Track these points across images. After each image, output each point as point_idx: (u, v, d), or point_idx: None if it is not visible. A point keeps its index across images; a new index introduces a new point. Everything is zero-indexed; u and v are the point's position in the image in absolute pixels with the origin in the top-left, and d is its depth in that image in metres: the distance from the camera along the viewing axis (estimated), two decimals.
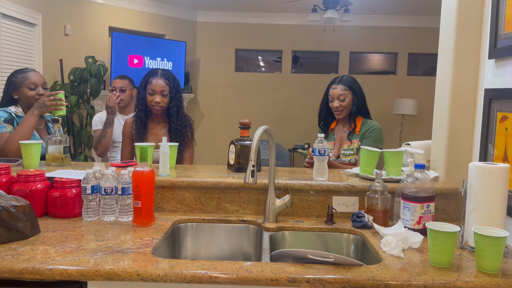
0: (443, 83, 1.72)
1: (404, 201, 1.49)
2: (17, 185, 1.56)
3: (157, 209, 1.72)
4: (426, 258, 1.27)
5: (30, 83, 2.20)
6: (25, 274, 1.13)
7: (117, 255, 1.23)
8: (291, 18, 6.37)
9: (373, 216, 1.56)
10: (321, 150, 1.75)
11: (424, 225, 1.44)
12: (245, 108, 6.52)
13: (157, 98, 2.20)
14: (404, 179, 1.52)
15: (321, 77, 6.42)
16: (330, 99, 2.34)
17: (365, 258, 1.44)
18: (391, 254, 1.30)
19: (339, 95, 2.30)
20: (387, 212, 1.57)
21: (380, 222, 1.54)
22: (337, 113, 2.34)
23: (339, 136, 2.39)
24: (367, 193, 1.59)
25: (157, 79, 2.23)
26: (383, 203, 1.56)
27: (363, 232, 1.52)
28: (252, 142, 1.47)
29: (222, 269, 1.16)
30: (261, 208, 1.72)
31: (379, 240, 1.40)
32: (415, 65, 6.69)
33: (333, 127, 2.44)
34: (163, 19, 5.95)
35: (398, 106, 6.06)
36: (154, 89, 2.21)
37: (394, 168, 1.77)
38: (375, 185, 1.56)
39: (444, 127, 1.69)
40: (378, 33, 6.40)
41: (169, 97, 2.24)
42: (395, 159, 1.77)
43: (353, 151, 2.29)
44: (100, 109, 4.98)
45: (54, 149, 1.96)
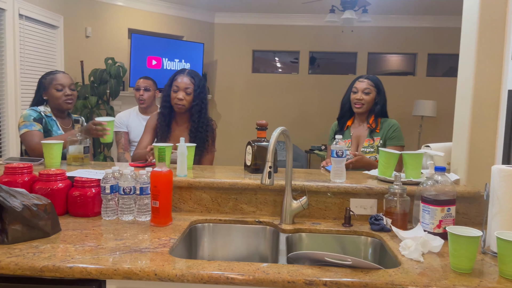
0: (464, 84, 1.69)
1: (424, 204, 1.46)
2: (39, 184, 1.60)
3: (174, 209, 1.73)
4: (446, 263, 1.25)
5: (57, 84, 2.26)
6: (46, 272, 1.15)
7: (135, 255, 1.25)
8: (308, 19, 6.35)
9: (392, 219, 1.54)
10: (338, 152, 1.74)
11: (444, 229, 1.42)
12: (262, 109, 6.52)
13: (180, 95, 2.20)
14: (424, 182, 1.49)
15: (338, 78, 6.38)
16: (355, 90, 2.35)
17: (383, 262, 1.42)
18: (410, 258, 1.28)
19: (364, 88, 2.32)
20: (406, 215, 1.54)
21: (399, 225, 1.52)
22: (358, 106, 2.33)
23: (356, 134, 2.37)
24: (386, 195, 1.57)
25: (183, 76, 2.24)
26: (402, 206, 1.53)
27: (381, 235, 1.50)
28: (269, 143, 1.46)
29: (239, 270, 1.16)
30: (278, 210, 1.71)
31: (398, 244, 1.38)
32: (435, 65, 6.58)
33: (349, 124, 2.42)
34: (181, 20, 6.00)
35: (417, 108, 5.97)
36: (178, 86, 2.22)
37: (414, 171, 1.74)
38: (394, 187, 1.54)
39: (466, 129, 1.65)
40: (396, 33, 6.33)
41: (193, 96, 2.23)
42: (415, 161, 1.74)
43: (374, 149, 2.29)
44: (119, 109, 5.05)
45: (74, 149, 1.99)
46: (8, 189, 1.33)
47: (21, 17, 3.84)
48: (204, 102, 2.27)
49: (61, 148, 1.92)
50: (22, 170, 1.62)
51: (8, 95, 3.70)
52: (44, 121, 2.22)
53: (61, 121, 2.32)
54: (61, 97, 2.25)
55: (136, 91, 3.28)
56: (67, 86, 2.28)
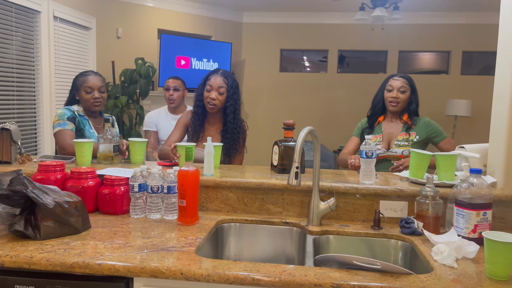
0: (502, 83, 1.61)
1: (458, 207, 1.41)
2: (70, 181, 1.64)
3: (201, 208, 1.74)
4: (482, 270, 1.19)
5: (86, 86, 2.29)
6: (76, 268, 1.17)
7: (162, 253, 1.25)
8: (338, 17, 6.26)
9: (423, 223, 1.49)
10: (368, 153, 1.69)
11: (480, 234, 1.36)
12: (289, 108, 6.49)
13: (213, 95, 2.20)
14: (458, 184, 1.43)
15: (368, 77, 6.27)
16: (389, 88, 2.34)
17: (414, 267, 1.38)
18: (443, 264, 1.23)
19: (400, 86, 2.32)
20: (438, 219, 1.49)
21: (431, 229, 1.46)
22: (393, 104, 2.32)
23: (388, 130, 2.36)
24: (417, 198, 1.52)
25: (217, 76, 2.24)
26: (434, 209, 1.48)
27: (412, 239, 1.45)
28: (296, 143, 1.44)
29: (265, 272, 1.15)
30: (305, 211, 1.69)
31: (430, 248, 1.33)
32: (470, 63, 6.35)
33: (381, 120, 2.41)
34: (209, 20, 6.04)
35: (451, 107, 5.79)
36: (211, 85, 2.22)
37: (447, 172, 1.67)
38: (426, 189, 1.49)
39: (503, 129, 1.58)
40: (429, 31, 6.14)
41: (226, 96, 2.22)
42: (448, 162, 1.68)
43: (408, 143, 2.27)
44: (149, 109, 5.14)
45: (104, 147, 2.03)
46: (41, 186, 1.36)
47: (56, 19, 3.96)
48: (238, 103, 2.26)
49: (91, 147, 1.97)
50: (54, 168, 1.66)
51: (43, 94, 3.83)
52: (77, 120, 2.28)
53: (93, 120, 2.37)
54: (89, 99, 2.29)
55: (165, 91, 3.32)
56: (96, 89, 2.30)
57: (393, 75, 2.41)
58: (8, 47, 3.40)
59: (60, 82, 4.05)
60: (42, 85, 3.81)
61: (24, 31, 3.60)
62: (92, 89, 2.29)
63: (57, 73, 4.03)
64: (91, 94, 2.29)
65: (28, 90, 3.70)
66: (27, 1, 3.55)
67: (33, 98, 3.78)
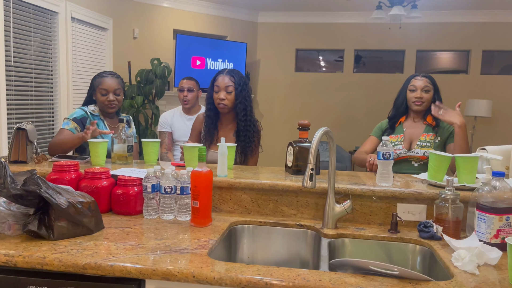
0: None
1: (480, 211, 1.36)
2: (84, 181, 1.64)
3: (214, 209, 1.72)
4: (505, 277, 1.14)
5: (102, 88, 2.29)
6: (88, 269, 1.17)
7: (175, 255, 1.24)
8: (354, 16, 6.18)
9: (443, 227, 1.44)
10: (385, 154, 1.65)
11: (503, 239, 1.30)
12: (304, 108, 6.44)
13: (222, 95, 2.19)
14: (480, 188, 1.38)
15: (384, 77, 6.18)
16: (412, 88, 2.31)
17: (433, 273, 1.33)
18: (464, 270, 1.18)
19: (424, 86, 2.29)
20: (459, 223, 1.44)
21: (451, 234, 1.42)
22: (418, 103, 2.29)
23: (409, 130, 2.32)
24: (436, 201, 1.47)
25: (223, 76, 2.22)
26: (454, 213, 1.43)
27: (431, 244, 1.41)
28: (311, 144, 1.41)
29: (278, 276, 1.12)
30: (320, 213, 1.65)
31: (450, 254, 1.29)
32: (490, 63, 6.20)
33: (403, 121, 2.37)
34: (224, 20, 6.04)
35: (470, 107, 5.66)
36: (219, 86, 2.20)
37: (468, 175, 1.62)
38: (446, 192, 1.44)
39: None
40: (448, 29, 6.02)
41: (235, 95, 2.20)
42: (469, 165, 1.62)
43: (430, 144, 2.23)
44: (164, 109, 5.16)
45: (119, 147, 2.03)
46: (55, 186, 1.36)
47: (73, 20, 4.01)
48: (248, 100, 2.23)
49: (106, 147, 1.97)
50: (69, 168, 1.66)
51: (60, 95, 3.88)
52: (88, 121, 2.28)
53: (109, 120, 2.37)
54: (104, 101, 2.29)
55: (179, 92, 3.32)
56: (112, 91, 2.29)
57: (415, 75, 2.37)
58: (26, 48, 3.45)
59: (77, 82, 4.09)
60: (59, 85, 3.86)
61: (42, 32, 3.65)
62: (107, 91, 2.29)
63: (74, 74, 4.07)
64: (106, 96, 2.29)
65: (45, 90, 3.75)
66: (45, 2, 3.60)
67: (50, 98, 3.83)
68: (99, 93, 2.29)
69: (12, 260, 1.19)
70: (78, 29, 4.11)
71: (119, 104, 2.35)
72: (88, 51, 4.34)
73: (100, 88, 2.29)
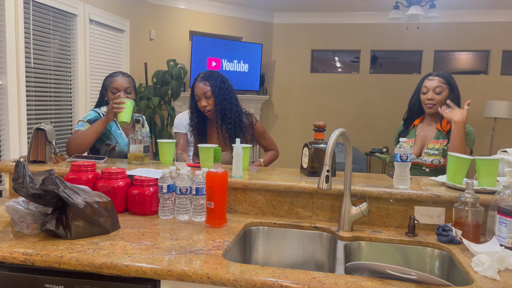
0: None
1: (500, 215, 1.32)
2: (101, 181, 1.65)
3: (229, 210, 1.72)
4: None
5: (113, 87, 2.31)
6: (104, 268, 1.18)
7: (189, 256, 1.24)
8: (370, 16, 6.12)
9: (462, 231, 1.40)
10: (402, 156, 1.62)
11: None
12: (320, 109, 6.40)
13: (203, 102, 2.23)
14: (501, 191, 1.34)
15: (401, 78, 6.10)
16: (424, 90, 2.19)
17: (452, 278, 1.30)
18: (484, 276, 1.15)
19: (435, 87, 2.16)
20: (479, 227, 1.40)
21: (471, 238, 1.38)
22: (429, 105, 2.17)
23: (422, 134, 2.23)
24: (456, 204, 1.44)
25: (198, 83, 2.25)
26: (474, 217, 1.40)
27: (450, 248, 1.38)
28: (326, 145, 1.40)
29: (293, 278, 1.11)
30: (335, 215, 1.64)
31: (470, 258, 1.26)
32: (511, 63, 6.06)
33: (416, 123, 2.28)
34: (240, 21, 6.05)
35: (490, 109, 5.54)
36: (197, 94, 2.25)
37: (488, 178, 1.58)
38: (465, 196, 1.41)
39: None
40: (467, 29, 5.91)
41: (213, 98, 2.23)
42: (490, 167, 1.58)
43: (439, 152, 2.12)
44: (180, 110, 5.20)
45: (135, 148, 2.05)
46: (72, 186, 1.38)
47: (91, 22, 4.07)
48: (228, 98, 2.24)
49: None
50: (86, 168, 1.68)
51: (79, 96, 3.94)
52: None
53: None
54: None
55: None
56: (123, 90, 2.30)
57: (429, 74, 2.24)
58: (46, 50, 3.51)
59: (94, 83, 4.15)
60: (77, 86, 3.92)
61: (62, 34, 3.71)
62: (118, 90, 2.30)
63: (92, 75, 4.13)
64: (117, 95, 2.29)
65: (64, 91, 3.82)
66: (64, 5, 3.66)
67: (69, 99, 3.89)
68: (111, 92, 2.31)
69: (30, 259, 1.20)
70: (96, 31, 4.17)
71: None
72: (106, 52, 4.39)
73: (112, 87, 2.31)
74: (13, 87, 3.09)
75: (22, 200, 1.41)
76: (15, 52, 3.09)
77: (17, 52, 3.11)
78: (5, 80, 3.04)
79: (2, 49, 3.01)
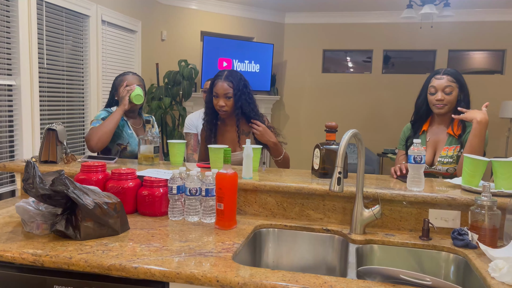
0: None
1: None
2: (111, 182, 1.65)
3: (239, 212, 1.70)
4: None
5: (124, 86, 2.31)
6: (113, 270, 1.17)
7: (199, 258, 1.22)
8: (383, 16, 6.06)
9: (479, 235, 1.36)
10: (416, 158, 1.59)
11: None
12: (331, 110, 6.36)
13: (221, 102, 2.17)
14: None
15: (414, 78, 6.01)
16: (432, 91, 2.03)
17: (468, 283, 1.26)
18: (502, 282, 1.11)
19: (444, 87, 2.00)
20: (496, 231, 1.36)
21: (487, 242, 1.34)
22: (439, 106, 2.01)
23: (433, 139, 2.08)
24: (472, 207, 1.40)
25: (222, 81, 2.18)
26: (491, 220, 1.36)
27: (465, 252, 1.34)
28: (338, 146, 1.37)
29: (304, 283, 1.09)
30: (347, 218, 1.61)
31: (486, 264, 1.22)
32: None
33: (426, 128, 2.12)
34: (251, 22, 6.04)
35: (506, 109, 5.44)
36: (217, 92, 2.18)
37: (505, 181, 1.53)
38: (482, 199, 1.36)
39: None
40: (482, 28, 5.81)
41: (234, 100, 2.18)
42: (507, 170, 1.54)
43: (453, 159, 2.00)
44: (191, 110, 5.20)
45: (145, 148, 2.04)
46: (82, 187, 1.38)
47: (104, 23, 4.09)
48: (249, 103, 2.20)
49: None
50: (96, 169, 1.68)
51: (91, 96, 3.97)
52: None
53: (132, 121, 2.40)
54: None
55: (204, 93, 3.33)
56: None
57: (436, 72, 2.06)
58: (59, 51, 3.54)
59: (106, 84, 4.17)
60: (90, 86, 3.94)
61: (74, 35, 3.74)
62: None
63: (104, 75, 4.16)
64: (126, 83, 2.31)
65: (77, 91, 3.84)
66: (77, 6, 3.69)
67: (81, 100, 3.92)
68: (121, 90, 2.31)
69: (39, 259, 1.20)
70: (108, 31, 4.19)
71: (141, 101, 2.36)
72: (118, 53, 4.42)
73: (122, 85, 2.31)
74: (26, 88, 3.12)
75: (32, 200, 1.41)
76: (28, 53, 3.12)
77: (30, 53, 3.14)
78: (18, 81, 3.07)
79: (16, 50, 3.04)
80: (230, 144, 2.21)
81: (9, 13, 3.00)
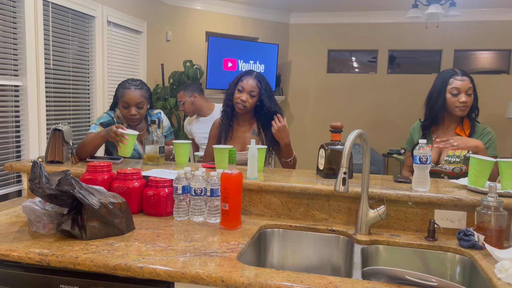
0: None
1: None
2: (116, 182, 1.66)
3: (244, 212, 1.70)
4: None
5: (123, 101, 2.22)
6: (118, 270, 1.17)
7: (204, 258, 1.23)
8: (388, 15, 6.04)
9: (485, 235, 1.36)
10: (422, 158, 1.58)
11: None
12: (336, 110, 6.34)
13: (244, 97, 2.18)
14: None
15: (420, 78, 5.99)
16: (455, 92, 1.99)
17: (474, 285, 1.26)
18: (508, 283, 1.11)
19: (468, 88, 1.98)
20: (502, 232, 1.35)
21: (493, 243, 1.33)
22: (463, 108, 1.99)
23: (440, 138, 2.04)
24: (478, 208, 1.39)
25: (250, 78, 2.21)
26: (497, 221, 1.35)
27: (471, 253, 1.33)
28: (343, 146, 1.37)
29: (309, 283, 1.08)
30: (352, 218, 1.60)
31: (492, 265, 1.21)
32: None
33: (433, 128, 2.13)
34: (256, 22, 6.04)
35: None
36: (243, 87, 2.19)
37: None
38: (488, 199, 1.36)
39: None
40: (488, 28, 5.77)
41: (259, 100, 2.21)
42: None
43: (460, 159, 2.00)
44: None
45: (150, 148, 2.05)
46: (87, 187, 1.38)
47: (109, 23, 4.11)
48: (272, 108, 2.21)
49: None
50: (102, 169, 1.69)
51: (96, 97, 3.99)
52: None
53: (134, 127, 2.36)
54: (126, 115, 2.24)
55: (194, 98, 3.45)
56: (134, 105, 2.20)
57: (452, 72, 2.05)
58: (65, 51, 3.56)
59: (112, 84, 4.19)
60: (95, 87, 3.96)
61: (80, 35, 3.76)
62: (129, 105, 2.21)
63: (110, 76, 4.17)
64: (128, 109, 2.22)
65: (83, 92, 3.87)
66: (83, 7, 3.71)
67: (87, 100, 3.94)
68: (121, 105, 2.23)
69: (45, 259, 1.21)
70: (113, 32, 4.21)
71: (141, 117, 2.27)
72: (123, 53, 4.44)
73: (122, 100, 2.22)
74: (32, 88, 3.14)
75: (38, 200, 1.42)
76: (34, 54, 3.14)
77: (36, 54, 3.16)
78: (25, 81, 3.10)
79: (22, 51, 3.06)
80: (241, 143, 2.22)
81: (16, 14, 3.02)
